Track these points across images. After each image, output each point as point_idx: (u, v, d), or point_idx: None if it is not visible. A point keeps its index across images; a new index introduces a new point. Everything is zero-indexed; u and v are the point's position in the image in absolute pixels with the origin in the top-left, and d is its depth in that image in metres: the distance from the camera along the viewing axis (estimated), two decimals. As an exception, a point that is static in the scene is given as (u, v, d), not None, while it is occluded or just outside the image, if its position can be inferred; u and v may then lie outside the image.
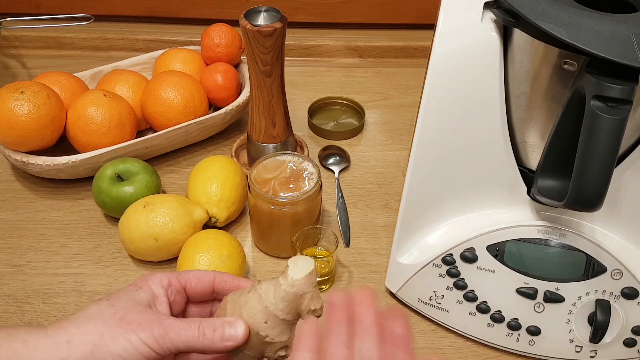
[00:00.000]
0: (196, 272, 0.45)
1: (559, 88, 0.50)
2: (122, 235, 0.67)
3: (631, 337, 0.57)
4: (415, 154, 0.57)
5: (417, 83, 0.96)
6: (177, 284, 0.43)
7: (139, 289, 0.41)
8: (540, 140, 0.55)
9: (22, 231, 0.72)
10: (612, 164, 0.45)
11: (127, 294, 0.41)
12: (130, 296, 0.40)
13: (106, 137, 0.75)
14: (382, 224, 0.75)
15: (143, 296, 0.41)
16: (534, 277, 0.57)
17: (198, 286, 0.44)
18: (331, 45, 1.03)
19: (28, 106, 0.71)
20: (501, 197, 0.59)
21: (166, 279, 0.42)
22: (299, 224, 0.66)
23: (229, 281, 0.44)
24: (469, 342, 0.62)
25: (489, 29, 0.53)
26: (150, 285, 0.42)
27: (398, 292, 0.63)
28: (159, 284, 0.42)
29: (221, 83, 0.82)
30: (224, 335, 0.39)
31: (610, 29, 0.44)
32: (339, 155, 0.84)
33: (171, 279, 0.43)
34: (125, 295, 0.40)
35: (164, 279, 0.42)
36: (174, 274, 0.43)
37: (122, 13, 1.04)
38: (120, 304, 0.39)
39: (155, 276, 0.42)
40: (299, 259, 0.41)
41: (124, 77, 0.83)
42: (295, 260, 0.41)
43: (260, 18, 0.67)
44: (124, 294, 0.41)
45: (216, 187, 0.70)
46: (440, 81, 0.55)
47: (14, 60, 1.01)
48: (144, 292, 0.41)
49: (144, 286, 0.41)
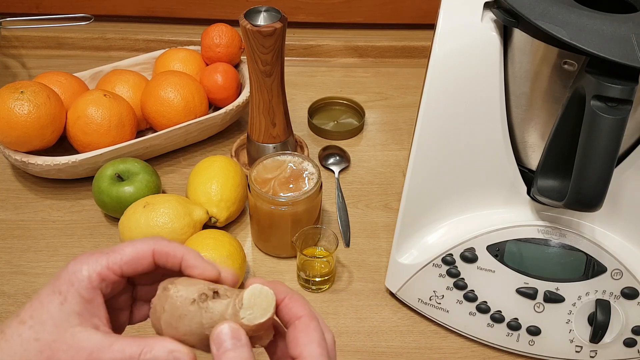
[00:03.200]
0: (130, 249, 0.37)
1: (559, 88, 0.50)
2: (122, 235, 0.67)
3: (631, 337, 0.57)
4: (415, 154, 0.57)
5: (417, 83, 0.96)
6: (109, 274, 0.36)
7: (64, 301, 0.35)
8: (540, 140, 0.55)
9: (22, 231, 0.72)
10: (612, 164, 0.45)
11: (50, 314, 0.34)
12: (55, 318, 0.34)
13: (106, 137, 0.75)
14: (382, 224, 0.75)
15: (70, 312, 0.35)
16: (534, 277, 0.57)
17: (137, 269, 0.37)
18: (331, 45, 1.03)
19: (28, 106, 0.71)
20: (501, 197, 0.59)
21: (95, 275, 0.36)
22: (299, 224, 0.66)
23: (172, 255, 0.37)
24: (469, 342, 0.62)
25: (489, 29, 0.53)
26: (77, 291, 0.35)
27: (398, 292, 0.64)
28: (88, 285, 0.35)
29: (221, 83, 0.82)
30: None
31: (610, 29, 0.44)
32: (339, 155, 0.84)
33: (101, 271, 0.36)
34: (50, 319, 0.34)
35: (93, 276, 0.36)
36: (104, 264, 0.36)
37: (122, 13, 1.04)
38: (45, 336, 0.34)
39: (81, 276, 0.36)
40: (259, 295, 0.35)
41: (124, 77, 0.83)
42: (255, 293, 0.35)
43: (260, 18, 0.67)
44: (47, 314, 0.35)
45: (216, 187, 0.70)
46: (440, 81, 0.55)
47: (14, 60, 1.01)
48: (71, 304, 0.35)
49: (69, 294, 0.35)
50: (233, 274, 0.39)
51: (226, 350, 0.33)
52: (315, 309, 0.68)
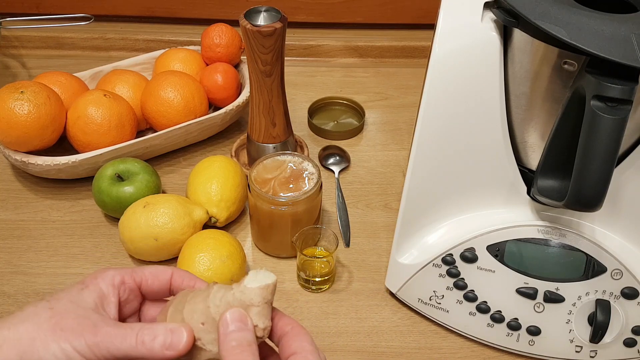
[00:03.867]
0: (153, 268, 0.43)
1: (559, 88, 0.50)
2: (122, 235, 0.67)
3: (631, 337, 0.57)
4: (415, 154, 0.57)
5: (417, 83, 0.96)
6: (130, 281, 0.41)
7: (85, 288, 0.39)
8: (540, 140, 0.55)
9: (22, 231, 0.72)
10: (612, 164, 0.45)
11: (69, 295, 0.39)
12: (73, 297, 0.39)
13: (106, 137, 0.75)
14: (382, 224, 0.75)
15: (87, 296, 0.39)
16: (534, 277, 0.57)
17: (155, 284, 0.42)
18: (331, 45, 1.03)
19: (28, 106, 0.71)
20: (501, 197, 0.59)
21: (119, 277, 0.41)
22: (299, 224, 0.66)
23: (187, 279, 0.43)
24: (469, 342, 0.62)
25: (489, 29, 0.53)
26: (98, 284, 0.40)
27: (398, 292, 0.64)
28: (110, 282, 0.40)
29: (221, 83, 0.82)
30: (164, 344, 0.37)
31: (610, 29, 0.44)
32: (339, 155, 0.84)
33: (125, 277, 0.41)
34: (67, 297, 0.39)
35: (117, 277, 0.41)
36: (129, 271, 0.41)
37: (122, 13, 1.04)
38: (59, 307, 0.38)
39: (107, 273, 0.41)
40: (260, 271, 0.38)
41: (124, 77, 0.83)
42: (258, 271, 0.38)
43: (260, 18, 0.67)
44: (66, 294, 0.39)
45: (216, 187, 0.70)
46: (440, 81, 0.55)
47: (14, 60, 1.01)
48: (90, 291, 0.39)
49: (92, 285, 0.40)
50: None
51: (232, 331, 0.36)
52: (315, 309, 0.68)
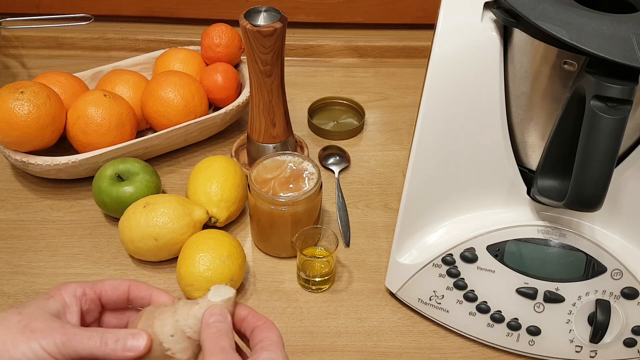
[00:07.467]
0: (112, 281, 0.46)
1: (559, 88, 0.50)
2: (122, 235, 0.67)
3: (631, 337, 0.57)
4: (415, 154, 0.57)
5: (417, 83, 0.96)
6: (91, 293, 0.45)
7: (50, 297, 0.43)
8: (540, 140, 0.55)
9: (22, 231, 0.72)
10: (612, 164, 0.45)
11: (36, 303, 0.42)
12: (39, 305, 0.42)
13: (106, 137, 0.75)
14: (382, 224, 0.75)
15: (53, 305, 0.42)
16: (534, 277, 0.57)
17: (114, 294, 0.46)
18: (331, 45, 1.03)
19: (28, 106, 0.71)
20: (501, 197, 0.59)
21: (80, 289, 0.44)
22: (299, 224, 0.66)
23: (144, 290, 0.46)
24: (469, 342, 0.62)
25: (489, 29, 0.53)
26: (62, 295, 0.43)
27: (398, 292, 0.64)
28: (72, 294, 0.44)
29: (221, 83, 0.82)
30: (125, 346, 0.41)
31: (610, 29, 0.44)
32: (339, 155, 0.84)
33: (86, 289, 0.45)
34: (35, 304, 0.42)
35: (78, 289, 0.44)
36: (89, 284, 0.45)
37: (122, 13, 1.04)
38: (27, 312, 0.41)
39: (69, 286, 0.44)
40: (221, 287, 0.43)
41: (124, 77, 0.83)
42: (219, 286, 0.43)
43: (260, 18, 0.67)
44: (33, 302, 0.42)
45: (216, 187, 0.70)
46: (440, 81, 0.55)
47: (14, 60, 1.01)
48: (55, 301, 0.43)
49: (56, 295, 0.43)
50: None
51: (213, 322, 0.41)
52: (315, 309, 0.68)
